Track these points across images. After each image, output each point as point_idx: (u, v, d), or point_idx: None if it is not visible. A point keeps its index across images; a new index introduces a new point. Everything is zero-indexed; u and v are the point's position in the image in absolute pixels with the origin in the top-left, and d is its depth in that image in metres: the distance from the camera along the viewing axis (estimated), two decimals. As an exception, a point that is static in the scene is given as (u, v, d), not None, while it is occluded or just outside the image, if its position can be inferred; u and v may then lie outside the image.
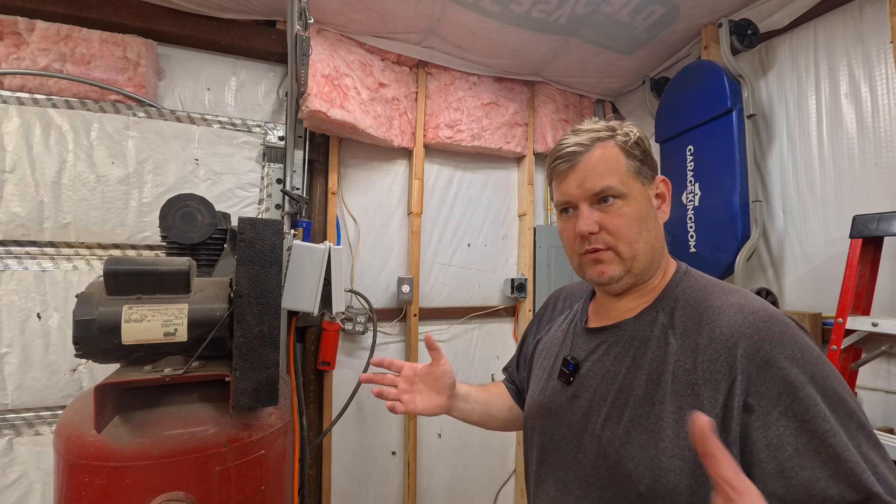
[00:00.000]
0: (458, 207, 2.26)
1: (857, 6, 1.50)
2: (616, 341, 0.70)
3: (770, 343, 0.55)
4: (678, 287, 0.69)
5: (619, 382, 0.66)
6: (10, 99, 1.41)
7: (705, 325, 0.61)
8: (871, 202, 1.44)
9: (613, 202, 0.68)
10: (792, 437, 0.51)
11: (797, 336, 0.56)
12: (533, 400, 0.82)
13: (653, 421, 0.60)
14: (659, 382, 0.61)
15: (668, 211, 0.72)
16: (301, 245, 1.13)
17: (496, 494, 2.30)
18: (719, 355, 0.57)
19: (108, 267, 0.83)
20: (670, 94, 1.94)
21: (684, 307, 0.65)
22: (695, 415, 0.46)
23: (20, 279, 1.39)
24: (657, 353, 0.63)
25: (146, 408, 0.84)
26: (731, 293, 0.64)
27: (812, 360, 0.54)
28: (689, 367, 0.59)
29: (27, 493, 1.37)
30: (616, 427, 0.63)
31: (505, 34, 1.87)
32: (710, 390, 0.56)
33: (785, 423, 0.52)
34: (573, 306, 0.86)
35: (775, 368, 0.53)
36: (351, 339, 2.00)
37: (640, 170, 0.70)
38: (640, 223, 0.68)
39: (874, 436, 0.52)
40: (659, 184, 0.72)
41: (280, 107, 1.83)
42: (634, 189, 0.68)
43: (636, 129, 0.72)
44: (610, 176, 0.68)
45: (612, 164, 0.68)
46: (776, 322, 0.57)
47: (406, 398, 0.86)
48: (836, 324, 1.34)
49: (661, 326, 0.65)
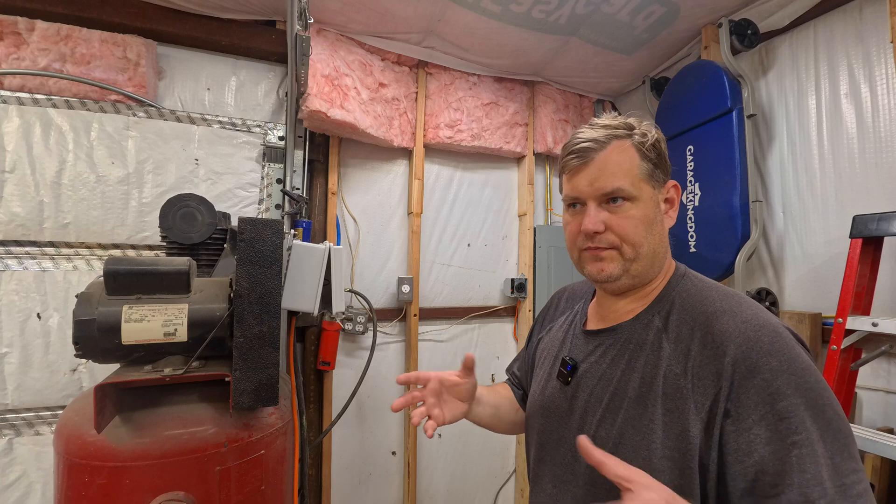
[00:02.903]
0: (458, 207, 2.26)
1: (857, 6, 1.50)
2: (612, 344, 0.70)
3: (757, 353, 0.55)
4: (675, 290, 0.69)
5: (615, 385, 0.67)
6: (10, 99, 1.41)
7: (698, 330, 0.61)
8: (871, 202, 1.44)
9: (622, 203, 0.67)
10: (761, 445, 0.52)
11: (786, 347, 0.56)
12: (533, 399, 0.83)
13: (645, 423, 0.61)
14: (651, 386, 0.62)
15: (674, 216, 0.72)
16: (301, 245, 1.13)
17: (496, 495, 2.30)
18: (709, 361, 0.58)
19: (108, 267, 0.83)
20: (670, 94, 1.94)
21: (679, 311, 0.66)
22: (580, 439, 0.53)
23: (20, 279, 1.39)
24: (651, 357, 0.64)
25: (146, 408, 0.84)
26: (726, 298, 0.64)
27: (798, 372, 0.54)
28: (680, 371, 0.60)
29: (27, 493, 1.37)
30: (610, 428, 0.65)
31: (505, 34, 1.87)
32: (698, 395, 0.57)
33: (757, 431, 0.53)
34: (574, 307, 0.87)
35: (758, 378, 0.54)
36: (351, 339, 2.00)
37: (653, 173, 0.69)
38: (646, 226, 0.67)
39: (853, 454, 0.52)
40: (670, 188, 0.71)
41: (280, 107, 1.83)
42: (645, 192, 0.67)
43: (654, 129, 0.71)
44: (622, 177, 0.67)
45: (625, 165, 0.67)
46: (767, 332, 0.57)
47: (436, 413, 0.80)
48: (836, 324, 1.34)
49: (655, 330, 0.66)
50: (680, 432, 0.57)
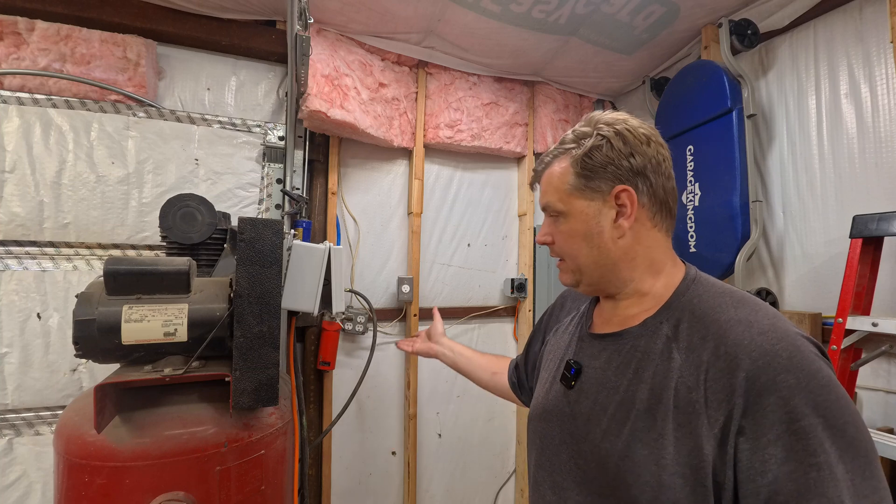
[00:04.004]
0: (458, 207, 2.26)
1: (857, 6, 1.50)
2: (618, 350, 0.68)
3: (774, 369, 0.52)
4: (684, 296, 0.66)
5: (621, 394, 0.64)
6: (10, 99, 1.41)
7: (710, 340, 0.58)
8: (871, 202, 1.44)
9: (558, 217, 0.72)
10: (776, 465, 0.50)
11: (806, 362, 0.53)
12: (536, 402, 0.81)
13: (654, 437, 0.58)
14: (661, 398, 0.59)
15: (627, 223, 0.67)
16: (301, 245, 1.13)
17: (496, 495, 2.30)
18: (722, 375, 0.55)
19: (108, 267, 0.83)
20: (670, 94, 1.94)
21: (690, 319, 0.62)
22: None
23: (20, 279, 1.39)
24: (660, 368, 0.61)
25: (146, 408, 0.84)
26: (740, 306, 0.61)
27: (817, 390, 0.51)
28: (693, 384, 0.57)
29: (27, 493, 1.37)
30: (615, 440, 0.62)
31: (505, 34, 1.87)
32: (711, 410, 0.55)
33: (773, 450, 0.50)
34: (580, 307, 0.85)
35: (775, 396, 0.51)
36: (351, 339, 2.00)
37: (587, 185, 0.68)
38: (581, 240, 0.70)
39: (875, 474, 0.50)
40: (619, 194, 0.67)
41: (280, 107, 1.83)
42: (574, 207, 0.70)
43: (604, 134, 0.68)
44: (551, 193, 0.72)
45: (555, 181, 0.72)
46: (785, 345, 0.54)
47: (406, 341, 1.37)
48: (836, 324, 1.34)
49: (664, 339, 0.63)
50: (692, 448, 0.55)
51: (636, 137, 0.68)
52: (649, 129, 0.70)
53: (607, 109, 2.51)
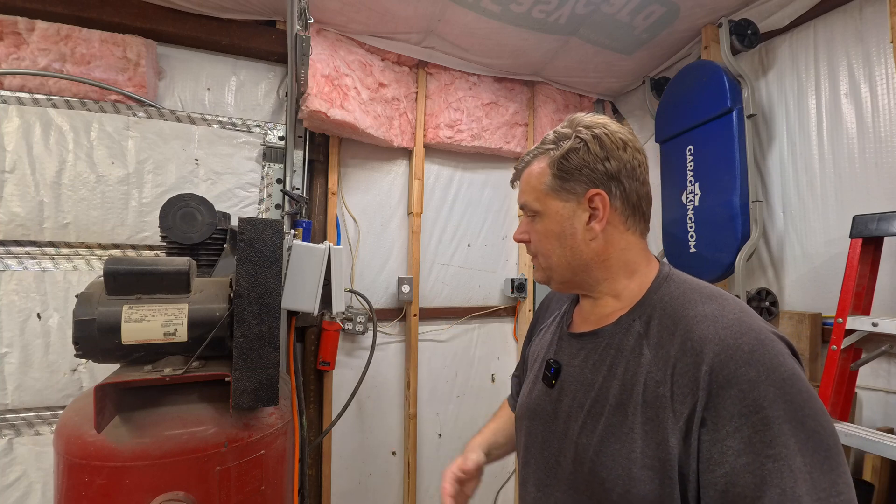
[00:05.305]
0: (458, 207, 2.26)
1: (857, 6, 1.50)
2: (594, 348, 0.70)
3: (736, 362, 0.53)
4: (656, 294, 0.67)
5: (596, 391, 0.66)
6: (10, 99, 1.41)
7: (678, 335, 0.60)
8: (871, 202, 1.44)
9: (534, 217, 0.74)
10: (732, 456, 0.51)
11: (768, 356, 0.53)
12: (522, 402, 0.83)
13: (625, 431, 0.60)
14: (632, 393, 0.61)
15: (599, 226, 0.68)
16: (301, 245, 1.13)
17: (496, 495, 2.30)
18: (688, 369, 0.56)
19: (108, 267, 0.83)
20: (670, 94, 1.94)
21: (660, 316, 0.64)
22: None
23: (20, 279, 1.39)
24: (631, 364, 0.63)
25: (146, 408, 0.84)
26: (709, 301, 0.62)
27: (779, 382, 0.52)
28: (661, 378, 0.59)
29: (27, 493, 1.37)
30: (591, 435, 0.64)
31: (505, 34, 1.87)
32: (677, 403, 0.56)
33: (730, 442, 0.51)
34: (561, 307, 0.87)
35: (735, 389, 0.52)
36: (351, 339, 2.00)
37: (563, 187, 0.69)
38: (554, 240, 0.71)
39: (836, 468, 0.49)
40: (593, 198, 0.68)
41: (280, 107, 1.83)
42: (550, 207, 0.71)
43: (583, 137, 0.68)
44: (528, 193, 0.74)
45: (532, 181, 0.73)
46: (748, 339, 0.55)
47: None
48: (836, 324, 1.34)
49: (636, 336, 0.65)
50: (660, 441, 0.56)
51: (613, 142, 0.68)
52: (627, 134, 0.71)
53: (607, 110, 2.52)
